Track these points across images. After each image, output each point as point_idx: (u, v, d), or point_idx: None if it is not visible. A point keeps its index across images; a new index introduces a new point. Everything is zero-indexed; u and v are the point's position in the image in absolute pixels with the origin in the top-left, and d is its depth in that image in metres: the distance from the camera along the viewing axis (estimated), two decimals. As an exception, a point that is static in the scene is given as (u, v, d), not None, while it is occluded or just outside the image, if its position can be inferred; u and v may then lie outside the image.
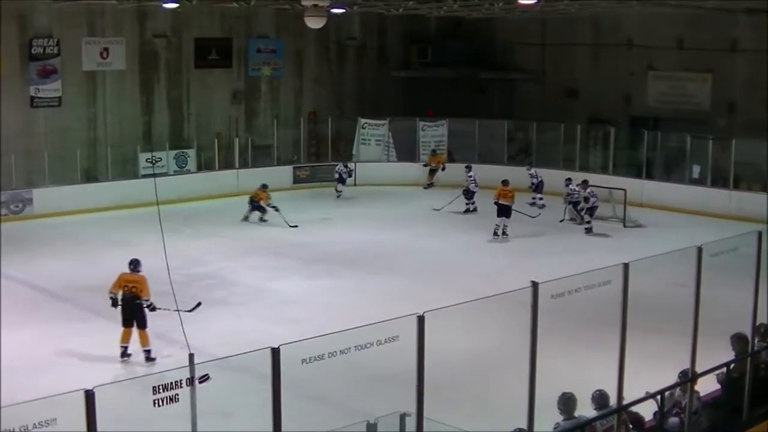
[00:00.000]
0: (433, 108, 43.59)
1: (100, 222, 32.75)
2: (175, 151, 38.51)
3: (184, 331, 15.42)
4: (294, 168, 40.78)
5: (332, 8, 32.55)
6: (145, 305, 19.00)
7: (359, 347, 9.22)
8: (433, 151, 40.96)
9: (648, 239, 30.61)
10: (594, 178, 35.09)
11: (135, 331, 19.03)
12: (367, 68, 46.73)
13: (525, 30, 46.07)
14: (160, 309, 18.77)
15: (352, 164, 40.30)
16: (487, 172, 36.60)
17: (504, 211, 31.00)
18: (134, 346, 19.05)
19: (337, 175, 38.55)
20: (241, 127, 41.64)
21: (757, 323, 14.71)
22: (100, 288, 20.30)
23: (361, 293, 24.45)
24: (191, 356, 9.16)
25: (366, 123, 42.50)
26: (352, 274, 26.46)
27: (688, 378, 13.16)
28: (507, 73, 47.07)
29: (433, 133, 42.51)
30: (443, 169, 39.63)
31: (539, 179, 36.88)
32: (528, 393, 10.70)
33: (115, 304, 19.20)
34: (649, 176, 38.16)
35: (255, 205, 33.23)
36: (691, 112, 41.04)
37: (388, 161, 42.38)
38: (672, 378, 13.21)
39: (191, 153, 38.78)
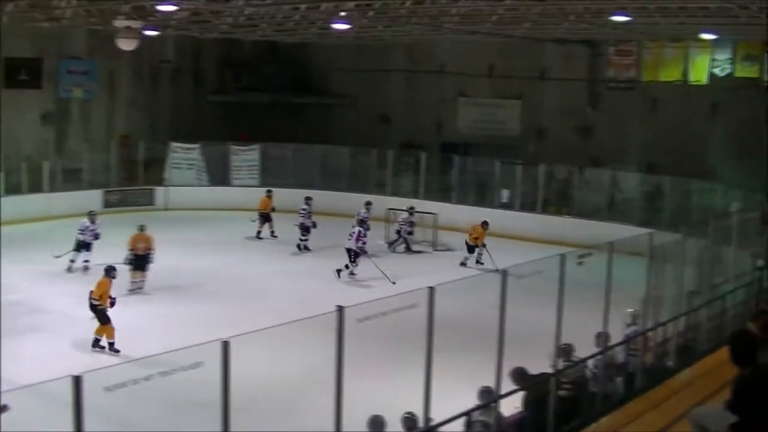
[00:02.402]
0: (249, 132, 43.54)
1: None
2: (-18, 175, 37.44)
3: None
4: (104, 192, 40.06)
5: (146, 30, 32.30)
6: None
7: (163, 374, 9.16)
8: (268, 191, 36.91)
9: (457, 262, 31.21)
10: (406, 203, 35.55)
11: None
12: (181, 92, 46.45)
13: (340, 55, 46.46)
14: None
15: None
16: (302, 197, 36.70)
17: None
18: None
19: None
20: (51, 150, 40.86)
21: (561, 343, 15.14)
22: None
23: (173, 319, 24.16)
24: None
25: (178, 147, 42.11)
26: (165, 300, 26.23)
27: (493, 398, 13.47)
28: (321, 98, 47.42)
29: (245, 158, 42.42)
30: (273, 209, 35.72)
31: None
32: (334, 416, 10.79)
33: None
34: (460, 201, 38.73)
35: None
36: (501, 137, 42.02)
37: (200, 185, 42.12)
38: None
39: (-1, 176, 37.81)
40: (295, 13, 30.35)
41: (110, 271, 21.74)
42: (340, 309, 10.49)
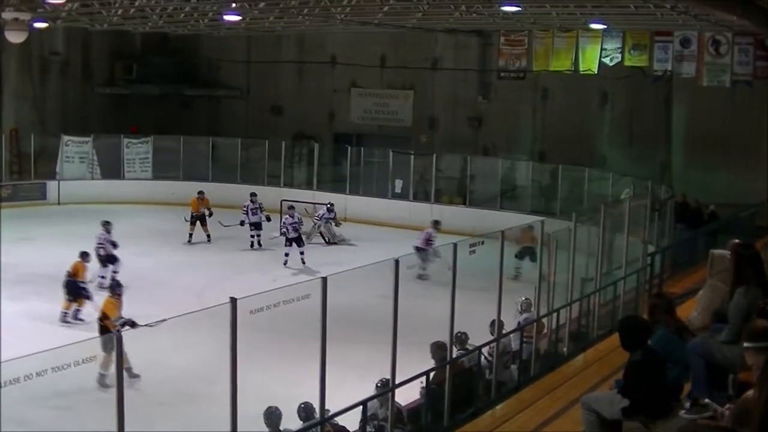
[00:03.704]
0: (139, 125, 43.19)
1: None
2: None
3: None
4: (-6, 186, 39.49)
5: (34, 22, 31.82)
6: None
7: (56, 368, 9.05)
8: (200, 192, 34.48)
9: (351, 254, 31.22)
10: (299, 194, 35.57)
11: None
12: (71, 84, 45.84)
13: (230, 47, 46.20)
14: None
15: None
16: (194, 189, 36.45)
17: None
18: None
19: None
20: (-63, 144, 40.13)
21: (456, 332, 15.27)
22: None
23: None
24: None
25: (70, 140, 41.52)
26: (57, 296, 25.85)
27: (389, 388, 13.54)
28: (212, 90, 47.15)
29: (137, 150, 42.00)
30: (210, 214, 34.04)
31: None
32: (230, 409, 10.76)
33: None
34: (353, 191, 38.79)
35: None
36: (394, 128, 42.16)
37: (93, 179, 41.60)
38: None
39: None
40: (186, 4, 30.14)
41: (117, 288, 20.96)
42: (234, 301, 10.46)
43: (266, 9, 30.53)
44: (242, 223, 32.72)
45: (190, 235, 33.50)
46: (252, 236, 32.71)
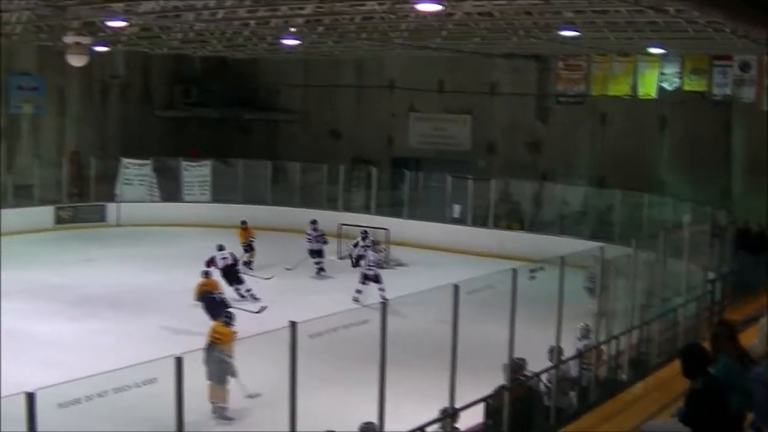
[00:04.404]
0: (198, 148, 43.48)
1: None
2: (-70, 191, 37.11)
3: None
4: (56, 208, 39.89)
5: (95, 46, 32.14)
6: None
7: (117, 390, 9.09)
8: (243, 222, 33.99)
9: (409, 278, 31.11)
10: (357, 218, 35.58)
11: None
12: (131, 107, 46.28)
13: (289, 71, 46.46)
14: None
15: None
16: (253, 212, 36.64)
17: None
18: None
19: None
20: (1, 167, 40.53)
21: (514, 358, 15.18)
22: None
23: (125, 335, 23.98)
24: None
25: (129, 163, 41.90)
26: (117, 316, 26.04)
27: (449, 413, 13.49)
28: (271, 114, 47.40)
29: (196, 173, 42.28)
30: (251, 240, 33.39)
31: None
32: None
33: None
34: (411, 216, 38.78)
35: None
36: (452, 152, 42.09)
37: (152, 201, 41.91)
38: (434, 413, 13.52)
39: (-52, 193, 37.48)
40: (245, 28, 30.31)
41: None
42: (293, 324, 10.48)
43: (324, 33, 30.67)
44: (311, 253, 32.44)
45: (245, 262, 32.63)
46: (315, 263, 32.27)
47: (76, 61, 29.96)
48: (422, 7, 22.97)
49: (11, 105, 41.40)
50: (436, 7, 22.77)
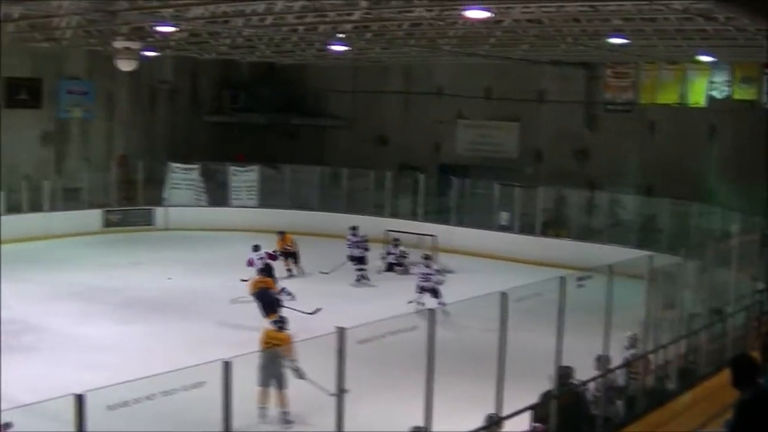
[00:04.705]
0: (245, 153, 43.61)
1: None
2: (-19, 193, 37.43)
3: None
4: (104, 211, 40.17)
5: (144, 51, 32.33)
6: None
7: (165, 393, 9.13)
8: (280, 233, 33.68)
9: (457, 285, 31.01)
10: (404, 225, 35.59)
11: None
12: (179, 112, 46.55)
13: (337, 77, 46.55)
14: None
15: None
16: (300, 218, 36.75)
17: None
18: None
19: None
20: (50, 170, 40.90)
21: (560, 365, 15.13)
22: None
23: (173, 338, 24.10)
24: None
25: (177, 167, 42.17)
26: (164, 319, 26.17)
27: (495, 420, 13.45)
28: (318, 120, 47.47)
29: (244, 178, 42.43)
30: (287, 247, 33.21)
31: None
32: (336, 438, 10.78)
33: None
34: (458, 222, 38.71)
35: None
36: (499, 159, 42.02)
37: (199, 206, 42.13)
38: (479, 421, 13.48)
39: (-2, 195, 37.78)
40: (293, 34, 30.39)
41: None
42: (342, 330, 10.49)
43: (372, 40, 30.70)
44: (351, 259, 32.45)
45: (288, 269, 32.65)
46: (357, 270, 32.14)
47: (126, 65, 30.19)
48: (471, 14, 22.93)
49: (61, 109, 41.74)
50: (484, 14, 22.75)
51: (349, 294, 30.22)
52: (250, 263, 28.12)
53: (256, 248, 29.13)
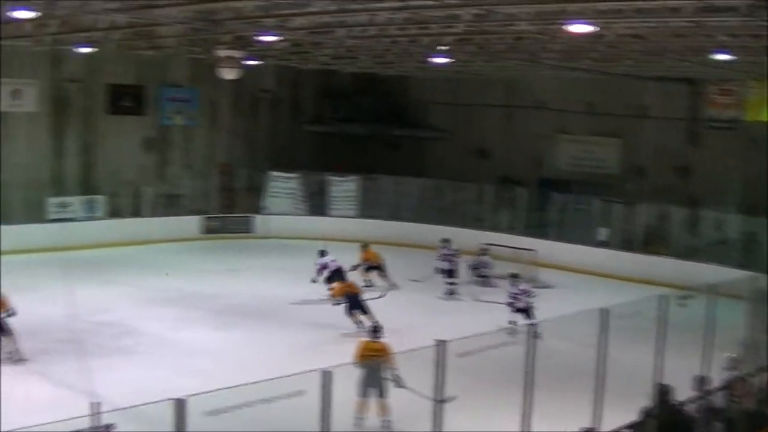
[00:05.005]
0: (345, 163, 43.74)
1: (5, 266, 32.19)
2: (85, 197, 38.06)
3: (89, 379, 15.23)
4: (204, 218, 40.62)
5: (247, 60, 32.59)
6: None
7: (265, 401, 9.17)
8: (364, 245, 33.48)
9: (555, 301, 30.80)
10: (503, 239, 35.44)
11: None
12: (280, 121, 46.82)
13: (438, 89, 46.57)
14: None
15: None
16: (397, 229, 36.75)
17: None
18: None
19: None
20: (151, 175, 41.43)
21: (660, 383, 14.97)
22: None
23: (270, 346, 24.29)
24: (95, 405, 9.06)
25: (277, 176, 42.47)
26: (261, 327, 26.34)
27: (591, 437, 13.35)
28: (419, 131, 47.44)
29: (343, 188, 42.61)
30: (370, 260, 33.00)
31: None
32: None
33: None
34: (557, 237, 38.44)
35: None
36: (601, 175, 41.63)
37: (298, 215, 42.35)
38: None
39: (101, 199, 38.36)
40: (395, 46, 30.44)
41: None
42: (442, 343, 10.48)
43: (474, 52, 30.64)
44: (441, 271, 32.14)
45: (367, 280, 32.22)
46: (447, 284, 31.77)
47: (228, 74, 30.41)
48: (574, 29, 22.78)
49: (163, 116, 42.26)
50: (587, 28, 22.60)
51: (436, 306, 30.08)
52: (324, 267, 28.48)
53: (323, 253, 29.79)
